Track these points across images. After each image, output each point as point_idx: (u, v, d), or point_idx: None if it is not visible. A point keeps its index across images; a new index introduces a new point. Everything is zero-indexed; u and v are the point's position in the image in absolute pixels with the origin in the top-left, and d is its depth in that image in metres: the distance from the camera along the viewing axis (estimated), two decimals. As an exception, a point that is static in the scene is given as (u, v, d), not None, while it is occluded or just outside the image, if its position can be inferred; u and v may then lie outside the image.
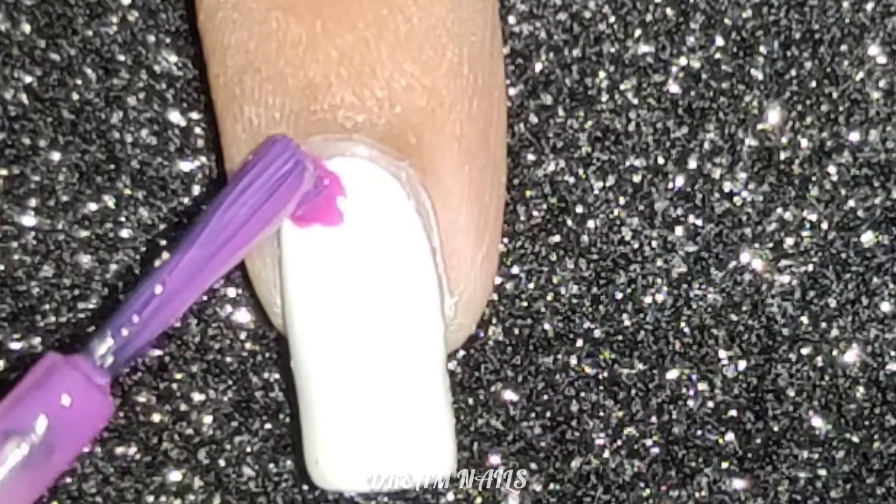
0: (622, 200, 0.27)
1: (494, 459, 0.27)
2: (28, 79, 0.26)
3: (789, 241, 0.27)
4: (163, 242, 0.27)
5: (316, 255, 0.23)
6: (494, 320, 0.27)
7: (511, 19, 0.27)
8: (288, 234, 0.24)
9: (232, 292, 0.27)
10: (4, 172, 0.26)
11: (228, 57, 0.23)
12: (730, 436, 0.27)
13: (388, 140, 0.23)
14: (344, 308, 0.23)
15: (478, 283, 0.24)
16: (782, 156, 0.27)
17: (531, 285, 0.27)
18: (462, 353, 0.27)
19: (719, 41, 0.27)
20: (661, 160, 0.27)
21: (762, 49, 0.27)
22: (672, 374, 0.27)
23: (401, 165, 0.23)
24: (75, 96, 0.26)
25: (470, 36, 0.24)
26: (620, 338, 0.27)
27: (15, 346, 0.27)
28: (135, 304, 0.22)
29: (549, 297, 0.27)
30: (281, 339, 0.27)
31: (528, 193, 0.27)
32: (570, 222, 0.27)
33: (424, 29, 0.23)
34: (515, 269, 0.27)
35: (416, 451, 0.24)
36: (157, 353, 0.27)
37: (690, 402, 0.27)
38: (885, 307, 0.27)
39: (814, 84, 0.27)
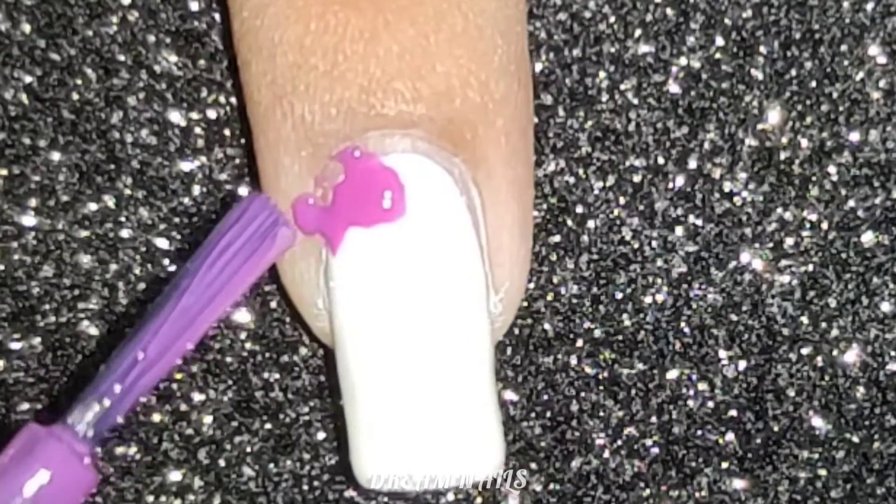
0: (622, 200, 0.27)
1: (494, 459, 0.27)
2: (28, 79, 0.26)
3: (789, 241, 0.27)
4: (163, 242, 0.27)
5: (370, 252, 0.23)
6: (494, 320, 0.27)
7: (511, 19, 0.27)
8: None
9: (232, 292, 0.27)
10: (4, 172, 0.26)
11: (279, 54, 0.23)
12: (730, 436, 0.27)
13: (445, 135, 0.23)
14: (396, 306, 0.23)
15: (520, 279, 0.25)
16: (782, 156, 0.27)
17: (531, 285, 0.27)
18: (462, 353, 0.27)
19: (719, 41, 0.27)
20: (661, 160, 0.27)
21: (762, 49, 0.27)
22: (672, 374, 0.27)
23: (455, 161, 0.23)
24: (75, 96, 0.26)
25: (514, 34, 0.24)
26: (620, 338, 0.27)
27: (15, 346, 0.27)
28: (116, 371, 0.22)
29: (549, 297, 0.27)
30: (281, 341, 0.27)
31: (528, 193, 0.27)
32: (570, 222, 0.27)
33: (479, 24, 0.23)
34: (515, 269, 0.27)
35: (468, 449, 0.24)
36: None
37: (690, 402, 0.27)
38: (885, 307, 0.27)
39: (814, 84, 0.27)
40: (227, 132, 0.26)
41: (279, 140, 0.23)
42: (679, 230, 0.27)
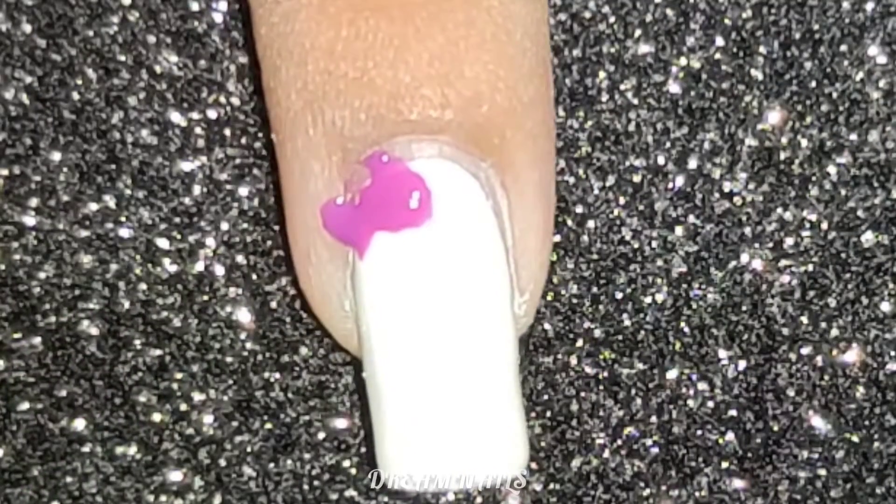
0: (622, 200, 0.27)
1: (494, 459, 0.27)
2: (29, 79, 0.26)
3: (789, 241, 0.27)
4: (163, 242, 0.27)
5: (397, 256, 0.23)
6: (494, 320, 0.27)
7: (511, 19, 0.27)
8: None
9: (232, 292, 0.27)
10: (5, 172, 0.26)
11: (311, 60, 0.23)
12: (730, 436, 0.27)
13: (473, 141, 0.23)
14: (423, 310, 0.23)
15: (543, 281, 0.25)
16: (782, 156, 0.27)
17: (531, 285, 0.27)
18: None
19: (719, 41, 0.27)
20: (661, 160, 0.27)
21: (762, 49, 0.27)
22: (672, 374, 0.27)
23: (482, 166, 0.23)
24: (76, 96, 0.26)
25: (542, 37, 0.24)
26: (620, 338, 0.27)
27: (15, 345, 0.27)
28: None
29: (549, 297, 0.27)
30: (281, 341, 0.27)
31: (528, 193, 0.27)
32: (570, 222, 0.27)
33: (508, 29, 0.23)
34: (515, 269, 0.27)
35: (493, 450, 0.24)
36: (157, 352, 0.27)
37: (690, 402, 0.27)
38: (885, 307, 0.27)
39: (814, 84, 0.27)
40: (227, 132, 0.27)
41: (309, 145, 0.23)
42: (679, 230, 0.27)
